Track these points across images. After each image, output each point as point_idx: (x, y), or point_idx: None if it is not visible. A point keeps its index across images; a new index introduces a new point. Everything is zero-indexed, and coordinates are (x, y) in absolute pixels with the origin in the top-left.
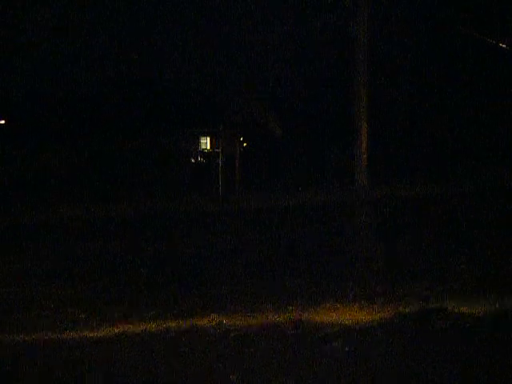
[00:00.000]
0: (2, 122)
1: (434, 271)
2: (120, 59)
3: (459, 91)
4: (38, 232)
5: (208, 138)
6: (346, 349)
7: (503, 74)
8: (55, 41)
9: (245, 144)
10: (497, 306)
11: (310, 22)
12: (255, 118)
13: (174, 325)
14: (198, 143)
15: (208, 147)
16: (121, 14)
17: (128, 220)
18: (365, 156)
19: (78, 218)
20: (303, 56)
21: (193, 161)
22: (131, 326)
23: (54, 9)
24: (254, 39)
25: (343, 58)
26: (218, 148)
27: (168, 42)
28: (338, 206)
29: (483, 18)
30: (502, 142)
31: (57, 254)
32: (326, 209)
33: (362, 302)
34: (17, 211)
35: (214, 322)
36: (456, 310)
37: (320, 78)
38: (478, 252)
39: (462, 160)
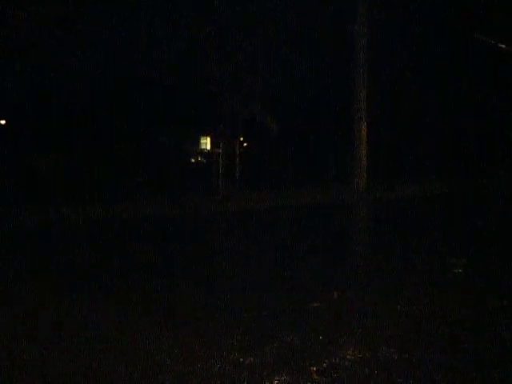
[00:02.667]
0: (3, 122)
1: None
2: (120, 59)
3: (460, 92)
4: (41, 234)
5: (208, 138)
6: None
7: (504, 73)
8: (55, 40)
9: (245, 144)
10: None
11: (309, 21)
12: (254, 118)
13: None
14: (198, 143)
15: (208, 147)
16: (121, 13)
17: (129, 222)
18: (364, 156)
19: (77, 219)
20: (303, 55)
21: (193, 160)
22: None
23: (54, 8)
24: (253, 39)
25: (343, 58)
26: (218, 148)
27: (168, 41)
28: (337, 207)
29: (483, 18)
30: (502, 143)
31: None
32: (324, 210)
33: None
34: (17, 211)
35: None
36: None
37: (320, 78)
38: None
39: (463, 160)
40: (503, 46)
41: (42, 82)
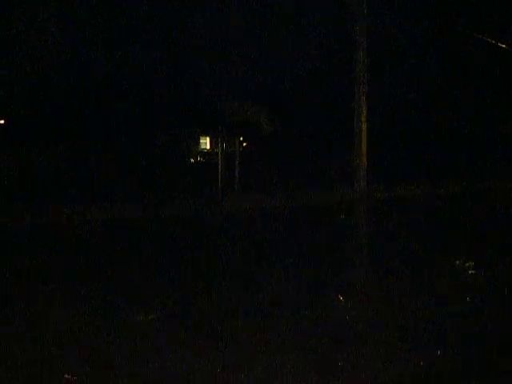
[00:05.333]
0: (2, 122)
1: None
2: (120, 59)
3: (461, 91)
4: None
5: (208, 138)
6: None
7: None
8: (55, 40)
9: (244, 144)
10: None
11: (308, 20)
12: (253, 118)
13: None
14: (198, 143)
15: (208, 147)
16: (121, 12)
17: (128, 222)
18: (364, 156)
19: (75, 219)
20: (302, 55)
21: (192, 161)
22: None
23: (54, 8)
24: (252, 38)
25: (343, 58)
26: (217, 148)
27: (168, 41)
28: (337, 208)
29: (483, 18)
30: (503, 142)
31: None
32: (324, 211)
33: None
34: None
35: None
36: None
37: (320, 78)
38: None
39: (463, 160)
40: (503, 45)
41: (42, 82)
